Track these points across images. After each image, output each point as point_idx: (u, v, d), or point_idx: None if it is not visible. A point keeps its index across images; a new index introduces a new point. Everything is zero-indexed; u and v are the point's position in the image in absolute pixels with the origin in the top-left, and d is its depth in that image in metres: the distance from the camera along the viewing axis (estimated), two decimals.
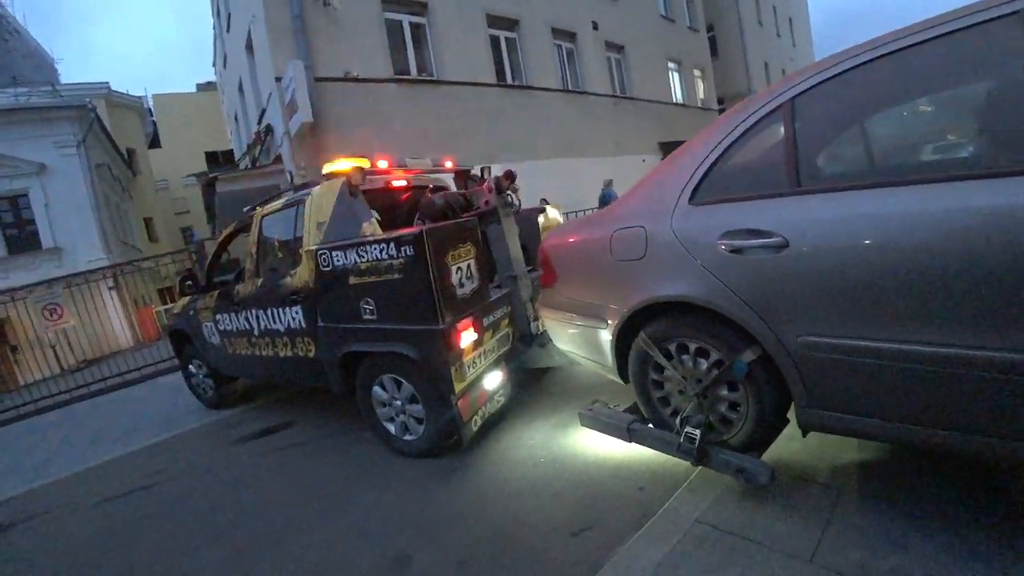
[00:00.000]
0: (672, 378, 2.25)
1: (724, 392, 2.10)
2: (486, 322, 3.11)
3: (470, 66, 11.02)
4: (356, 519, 2.52)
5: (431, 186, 4.41)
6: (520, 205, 4.00)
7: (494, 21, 11.68)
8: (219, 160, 26.81)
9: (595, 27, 14.49)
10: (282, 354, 3.81)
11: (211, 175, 10.37)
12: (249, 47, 10.47)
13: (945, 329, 1.52)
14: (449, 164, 4.42)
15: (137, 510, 3.27)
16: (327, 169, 3.43)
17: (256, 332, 3.99)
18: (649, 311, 2.23)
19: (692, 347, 2.14)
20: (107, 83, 20.99)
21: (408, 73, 10.11)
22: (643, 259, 2.20)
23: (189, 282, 4.72)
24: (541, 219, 4.12)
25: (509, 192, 3.60)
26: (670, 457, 2.22)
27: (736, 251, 1.89)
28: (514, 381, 3.42)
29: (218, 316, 4.40)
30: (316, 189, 3.49)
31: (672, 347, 2.21)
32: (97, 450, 4.87)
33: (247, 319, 4.05)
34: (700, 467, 2.11)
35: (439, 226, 2.93)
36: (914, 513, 1.75)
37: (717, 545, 1.78)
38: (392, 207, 4.39)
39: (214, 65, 19.67)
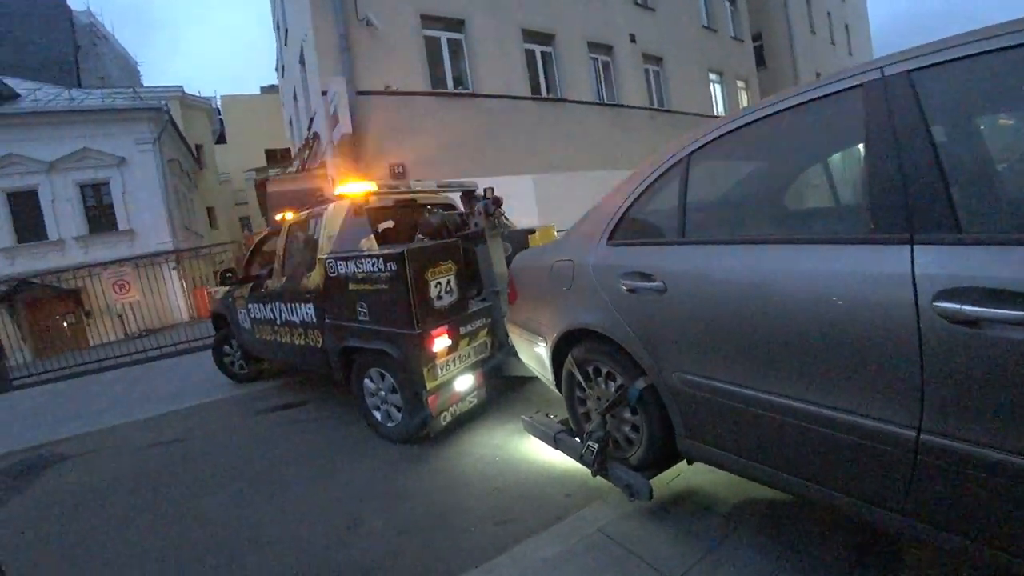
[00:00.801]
0: (590, 396, 2.48)
1: (627, 415, 2.28)
2: (463, 331, 3.54)
3: (505, 79, 11.53)
4: (334, 485, 3.16)
5: (428, 206, 4.92)
6: (506, 227, 4.51)
7: (530, 36, 12.12)
8: (277, 157, 28.56)
9: (632, 39, 14.69)
10: (297, 342, 4.46)
11: (263, 178, 11.38)
12: (302, 61, 11.43)
13: (775, 379, 1.61)
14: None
15: (170, 456, 4.09)
16: (339, 191, 4.00)
17: (278, 321, 4.66)
18: (576, 335, 2.44)
19: (604, 371, 2.36)
20: (181, 87, 23.02)
21: (444, 86, 10.76)
22: (570, 289, 2.42)
23: (229, 274, 5.51)
24: (531, 238, 4.52)
25: (497, 216, 4.09)
26: None
27: (631, 290, 2.06)
28: (494, 386, 3.81)
29: (250, 305, 5.13)
30: (330, 207, 4.06)
31: (590, 369, 2.44)
32: (146, 406, 5.84)
33: (272, 310, 4.72)
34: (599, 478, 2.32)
35: (420, 247, 3.41)
36: (797, 559, 1.84)
37: (604, 553, 2.03)
38: (399, 221, 5.00)
39: (276, 71, 21.10)
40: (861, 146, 1.49)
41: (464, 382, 3.59)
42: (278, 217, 4.97)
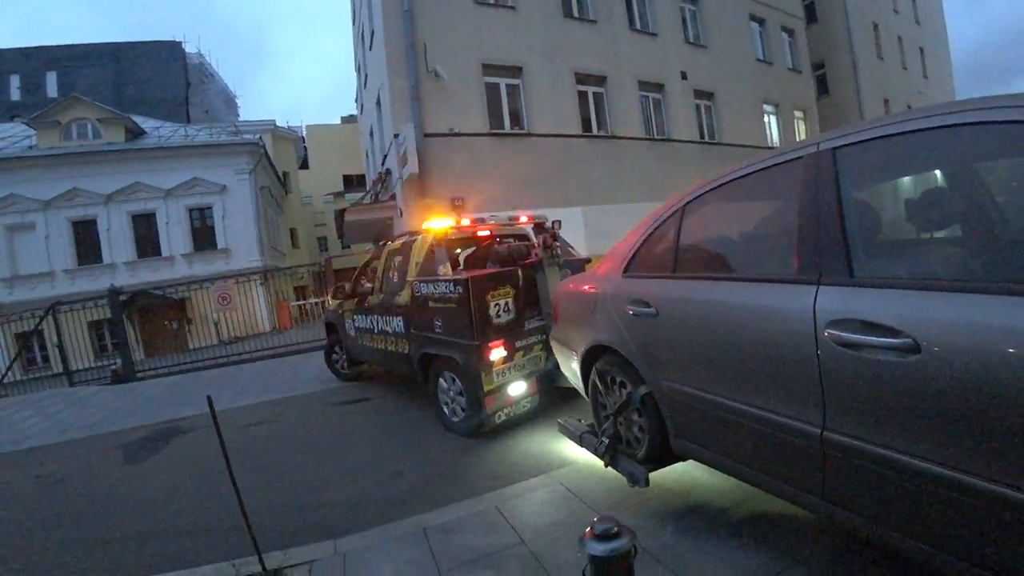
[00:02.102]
0: (608, 401, 2.80)
1: (635, 417, 2.58)
2: (518, 344, 4.12)
3: (558, 119, 12.49)
4: (385, 453, 4.19)
5: (497, 237, 5.31)
6: (563, 256, 4.88)
7: (582, 79, 13.06)
8: (353, 182, 31.13)
9: (684, 77, 15.25)
10: (389, 348, 5.29)
11: (342, 208, 12.95)
12: (378, 104, 13.00)
13: (729, 386, 1.93)
14: (524, 219, 5.19)
15: (265, 432, 5.28)
16: (425, 225, 4.78)
17: (375, 330, 5.52)
18: (597, 350, 2.81)
19: (618, 380, 2.67)
20: (273, 120, 26.00)
21: (502, 127, 11.89)
22: (594, 312, 2.81)
23: (339, 290, 6.67)
24: (588, 267, 5.01)
25: (553, 247, 4.63)
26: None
27: (635, 314, 2.42)
28: (552, 398, 4.32)
29: (355, 316, 6.06)
30: (419, 238, 4.87)
31: (608, 378, 2.77)
32: (243, 397, 7.14)
33: (371, 320, 5.60)
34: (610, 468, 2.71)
35: (481, 274, 4.09)
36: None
37: (557, 495, 2.77)
38: (479, 250, 5.49)
39: (356, 103, 23.32)
40: (796, 207, 1.77)
41: (518, 388, 4.11)
42: (380, 244, 5.99)
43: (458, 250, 5.24)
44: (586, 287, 2.99)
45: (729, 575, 1.99)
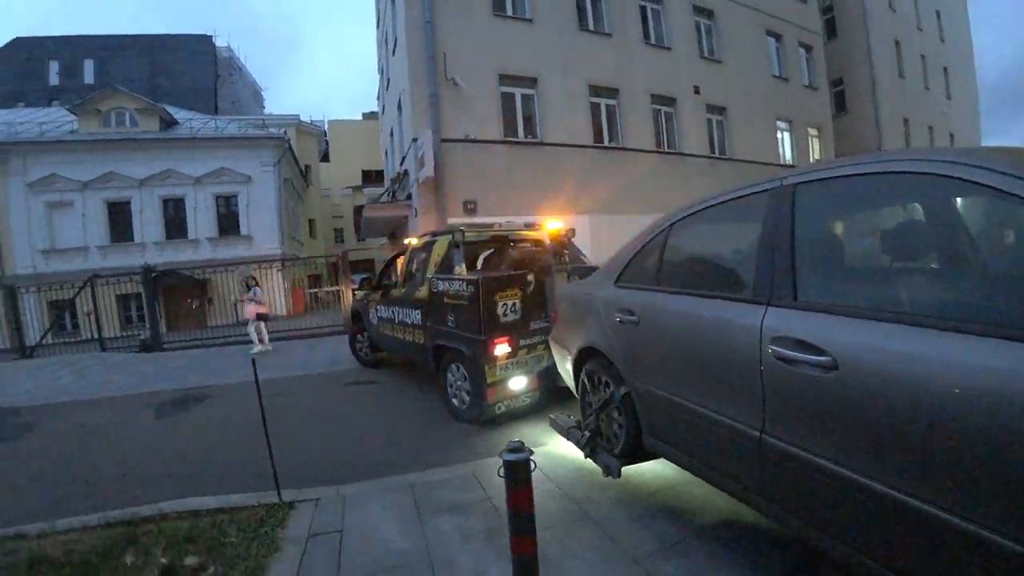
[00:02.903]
0: (594, 399, 2.99)
1: (616, 415, 2.77)
2: (523, 343, 4.40)
3: (570, 129, 12.95)
4: (385, 424, 4.81)
5: (513, 242, 5.64)
6: (573, 263, 5.25)
7: (596, 90, 13.50)
8: (371, 177, 31.99)
9: (696, 91, 15.47)
10: (407, 338, 5.67)
11: (360, 204, 13.66)
12: (399, 107, 13.64)
13: (690, 390, 2.14)
14: (541, 225, 5.58)
15: (282, 402, 5.86)
16: (441, 227, 5.31)
17: (396, 321, 5.91)
18: (588, 352, 3.02)
19: (603, 380, 2.87)
20: (297, 115, 27.11)
21: (516, 135, 12.44)
22: (588, 316, 3.01)
23: (366, 281, 7.19)
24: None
25: (561, 254, 5.16)
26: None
27: (620, 321, 2.62)
28: (556, 397, 4.55)
29: (379, 307, 6.46)
30: (439, 239, 5.21)
31: (596, 378, 2.97)
32: (260, 373, 7.75)
33: (393, 311, 5.99)
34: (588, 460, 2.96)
35: (491, 276, 4.44)
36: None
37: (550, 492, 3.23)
38: (497, 252, 5.86)
39: (377, 100, 24.03)
40: (759, 233, 1.93)
41: (518, 383, 4.42)
42: (405, 241, 6.48)
43: (474, 251, 5.58)
44: (583, 293, 3.22)
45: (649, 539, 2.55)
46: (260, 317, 10.03)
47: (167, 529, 2.72)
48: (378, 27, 19.01)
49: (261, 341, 10.04)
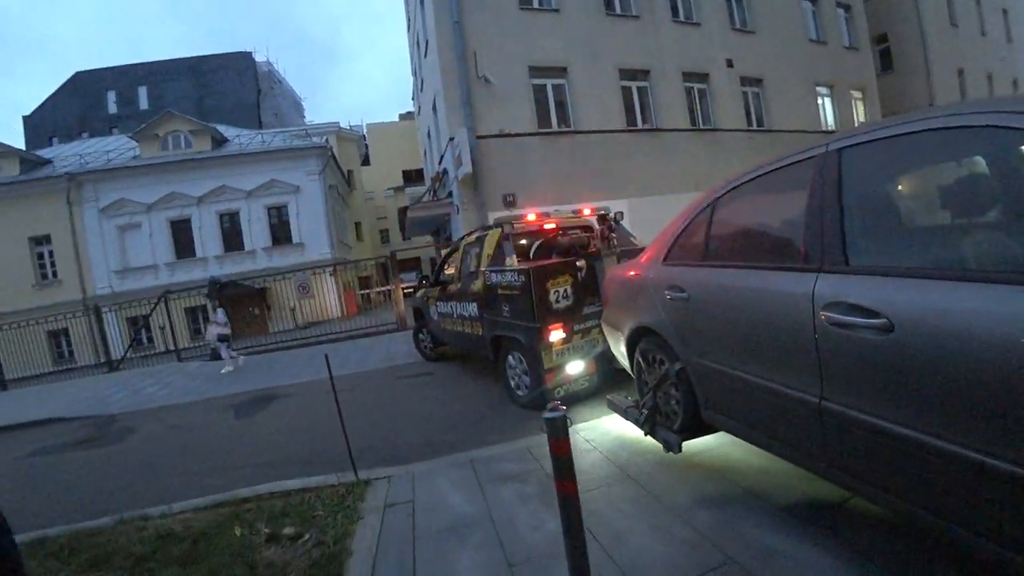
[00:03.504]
0: (649, 377, 3.01)
1: (673, 391, 2.78)
2: (577, 328, 4.44)
3: (603, 115, 13.01)
4: (447, 412, 5.13)
5: (562, 229, 5.58)
6: (623, 246, 5.29)
7: (626, 74, 13.46)
8: (411, 177, 32.79)
9: (730, 64, 15.11)
10: (466, 331, 5.81)
11: (404, 205, 14.19)
12: (434, 108, 14.03)
13: (746, 362, 2.15)
14: (588, 211, 5.65)
15: (345, 397, 6.18)
16: (492, 221, 5.42)
17: (454, 315, 6.06)
18: (641, 331, 3.03)
19: (658, 358, 2.89)
20: (337, 123, 28.24)
21: (549, 125, 12.59)
22: (638, 296, 3.03)
23: (424, 279, 7.47)
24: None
25: (609, 239, 5.23)
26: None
27: (671, 299, 2.64)
28: (610, 375, 4.55)
29: (438, 303, 6.63)
30: (489, 232, 5.28)
31: (650, 357, 2.99)
32: (322, 372, 8.25)
33: (451, 306, 6.13)
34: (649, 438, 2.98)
35: (541, 265, 4.42)
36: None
37: (583, 449, 3.49)
38: (547, 241, 5.72)
39: (413, 100, 24.61)
40: (806, 202, 1.91)
41: (576, 367, 4.46)
42: (457, 238, 6.78)
43: (524, 241, 5.55)
44: (631, 274, 3.20)
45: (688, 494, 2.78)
46: (222, 339, 10.46)
47: (264, 507, 3.13)
48: (409, 30, 19.48)
49: (231, 357, 10.42)
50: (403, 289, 12.20)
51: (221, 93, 35.53)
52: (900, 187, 1.91)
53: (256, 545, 2.64)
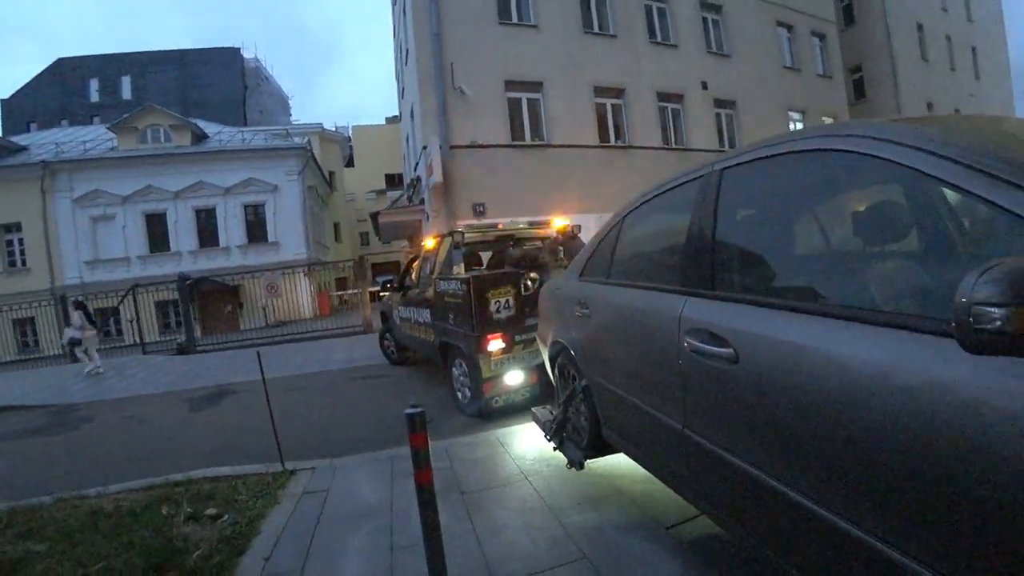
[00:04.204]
0: (563, 392, 2.98)
1: (582, 408, 2.74)
2: (518, 338, 4.48)
3: (576, 130, 13.23)
4: (385, 413, 5.28)
5: (513, 240, 5.90)
6: (564, 260, 5.22)
7: (601, 91, 13.70)
8: (395, 180, 32.84)
9: (704, 87, 15.49)
10: (421, 336, 5.94)
11: (376, 211, 14.35)
12: (412, 115, 14.24)
13: (628, 383, 2.12)
14: (546, 223, 5.84)
15: (299, 395, 6.55)
16: (447, 230, 5.62)
17: (412, 320, 6.19)
18: (558, 345, 2.97)
19: (571, 373, 2.86)
20: (320, 123, 28.42)
21: (522, 138, 12.80)
22: (558, 311, 3.00)
23: (390, 284, 7.61)
24: None
25: (556, 252, 5.29)
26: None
27: (579, 315, 2.60)
28: (548, 384, 4.28)
29: (400, 307, 6.81)
30: (444, 240, 5.46)
31: (566, 371, 2.96)
32: (282, 370, 8.49)
33: (410, 311, 6.25)
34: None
35: (481, 275, 4.67)
36: None
37: (485, 442, 4.03)
38: (500, 251, 6.14)
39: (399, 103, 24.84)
40: (688, 221, 1.84)
41: (515, 377, 4.49)
42: (422, 243, 6.85)
43: (481, 251, 5.75)
44: (555, 289, 3.22)
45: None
46: (73, 342, 10.45)
47: (193, 490, 3.32)
48: (394, 36, 19.69)
49: (90, 359, 10.36)
50: (376, 292, 12.34)
51: (206, 87, 35.30)
52: (761, 212, 1.85)
53: (177, 523, 2.84)
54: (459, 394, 4.97)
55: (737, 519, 1.57)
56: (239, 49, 37.10)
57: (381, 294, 8.71)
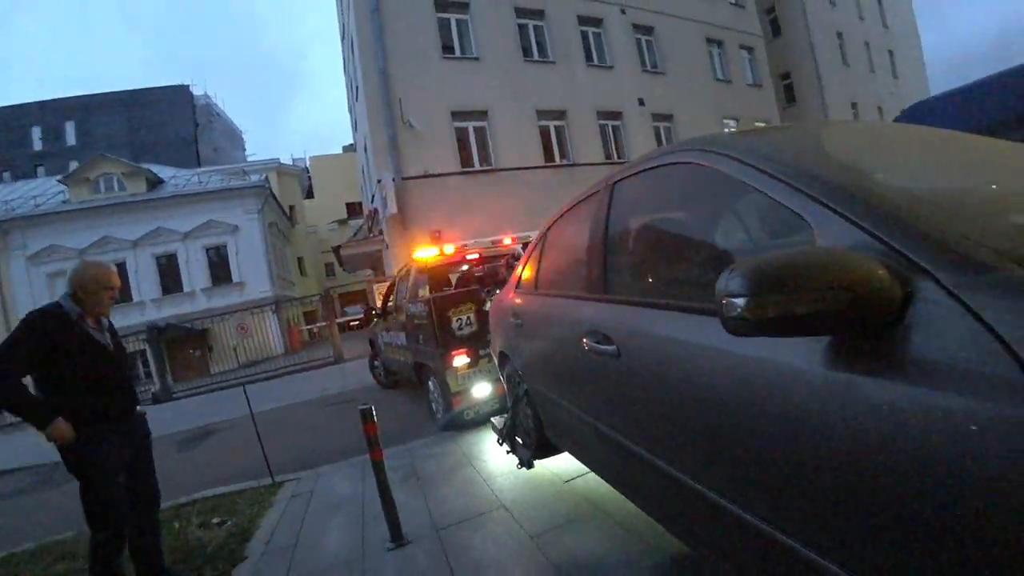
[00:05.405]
0: (511, 398, 3.15)
1: (528, 411, 2.86)
2: (482, 352, 4.57)
3: (522, 154, 13.95)
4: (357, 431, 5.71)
5: (481, 261, 5.81)
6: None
7: (544, 114, 14.53)
8: (356, 209, 33.14)
9: (641, 103, 16.42)
10: (401, 358, 6.16)
11: (338, 245, 14.74)
12: (365, 149, 14.74)
13: (552, 384, 2.30)
14: (508, 241, 5.97)
15: (278, 425, 6.87)
16: (414, 256, 5.79)
17: (393, 344, 6.41)
18: (503, 355, 3.16)
19: (517, 379, 2.96)
20: (277, 158, 28.64)
21: (471, 165, 13.46)
22: (502, 322, 3.13)
23: (374, 312, 7.59)
24: None
25: (514, 268, 5.35)
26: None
27: (515, 325, 2.74)
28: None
29: (382, 333, 7.04)
30: (413, 267, 5.67)
31: (513, 379, 3.07)
32: (260, 406, 8.60)
33: (391, 336, 6.46)
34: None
35: (442, 295, 4.78)
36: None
37: (450, 442, 4.53)
38: (464, 273, 6.11)
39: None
40: (589, 232, 2.00)
41: (482, 389, 4.56)
42: (395, 271, 7.25)
43: (445, 274, 5.89)
44: (500, 301, 3.36)
45: None
46: None
47: (198, 507, 3.88)
48: (345, 72, 20.21)
49: None
50: (346, 322, 12.64)
51: (156, 127, 34.84)
52: (639, 221, 1.96)
53: (190, 531, 3.40)
54: (434, 409, 5.18)
55: (655, 506, 1.69)
56: (188, 86, 36.99)
57: (360, 324, 9.02)
